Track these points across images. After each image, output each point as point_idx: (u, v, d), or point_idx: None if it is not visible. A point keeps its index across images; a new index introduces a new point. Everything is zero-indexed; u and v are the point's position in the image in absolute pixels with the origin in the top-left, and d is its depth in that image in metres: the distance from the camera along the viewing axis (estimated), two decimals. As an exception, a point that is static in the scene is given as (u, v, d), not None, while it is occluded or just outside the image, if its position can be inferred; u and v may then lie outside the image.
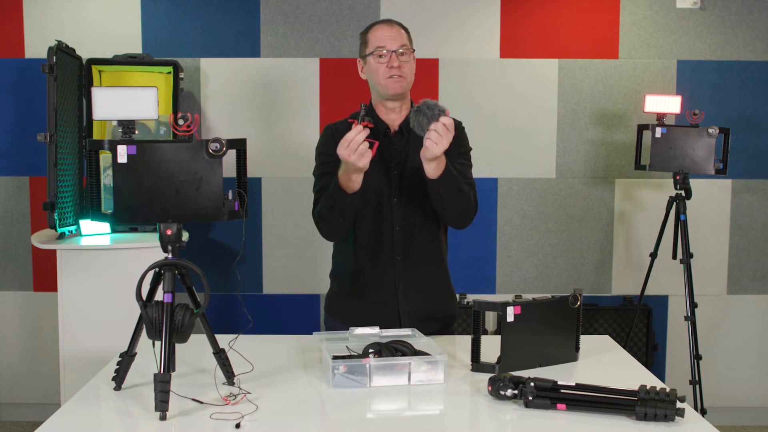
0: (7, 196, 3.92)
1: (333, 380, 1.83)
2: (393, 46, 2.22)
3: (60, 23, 3.85)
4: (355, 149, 1.99)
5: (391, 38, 2.23)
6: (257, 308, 3.96)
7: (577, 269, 4.02)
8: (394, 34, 2.24)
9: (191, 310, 1.73)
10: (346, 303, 2.38)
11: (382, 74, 2.23)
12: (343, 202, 2.13)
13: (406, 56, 2.24)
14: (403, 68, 2.23)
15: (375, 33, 2.27)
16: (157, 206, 1.72)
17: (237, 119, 3.93)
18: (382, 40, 2.23)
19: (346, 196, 2.12)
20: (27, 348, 3.95)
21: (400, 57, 2.22)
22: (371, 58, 2.25)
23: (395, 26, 2.28)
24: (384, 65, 2.22)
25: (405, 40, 2.26)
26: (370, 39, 2.27)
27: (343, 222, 2.21)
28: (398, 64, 2.21)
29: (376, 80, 2.25)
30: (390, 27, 2.27)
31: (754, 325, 4.04)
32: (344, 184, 2.10)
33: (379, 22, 2.30)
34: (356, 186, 2.10)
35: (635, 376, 1.97)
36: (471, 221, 2.30)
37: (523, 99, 3.95)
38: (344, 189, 2.10)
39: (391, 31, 2.25)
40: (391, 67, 2.21)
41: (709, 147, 3.42)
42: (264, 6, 3.91)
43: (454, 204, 2.19)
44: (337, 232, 2.27)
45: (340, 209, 2.16)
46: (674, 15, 3.93)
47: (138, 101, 1.72)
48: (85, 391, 1.82)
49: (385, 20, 2.31)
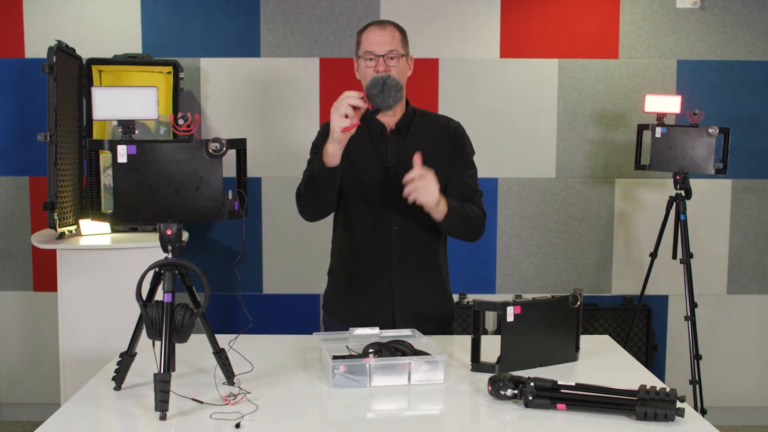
0: (7, 196, 3.92)
1: (333, 380, 1.83)
2: (381, 51, 2.22)
3: (60, 23, 3.85)
4: (338, 107, 2.00)
5: (380, 42, 2.23)
6: (257, 308, 3.96)
7: (577, 269, 4.02)
8: (385, 38, 2.24)
9: (191, 310, 1.73)
10: (342, 302, 2.38)
11: (369, 78, 2.23)
12: (320, 175, 2.13)
13: (395, 60, 2.23)
14: (390, 72, 2.22)
15: (367, 35, 2.27)
16: (157, 206, 1.72)
17: (237, 119, 3.93)
18: (371, 44, 2.24)
19: (324, 170, 2.11)
20: (27, 348, 3.95)
21: (389, 62, 2.22)
22: (361, 61, 2.27)
23: (388, 29, 2.26)
24: (371, 69, 2.23)
25: (396, 43, 2.24)
26: (362, 41, 2.28)
27: (318, 199, 2.20)
28: (384, 69, 2.21)
29: (365, 81, 2.26)
30: (382, 30, 2.25)
31: (754, 325, 4.04)
32: (326, 156, 2.10)
33: (372, 24, 2.30)
34: (334, 160, 2.09)
35: (635, 376, 1.97)
36: (482, 234, 2.35)
37: (523, 99, 3.96)
38: (325, 162, 2.11)
39: (382, 34, 2.24)
40: (378, 72, 2.20)
41: (709, 147, 3.42)
42: (264, 6, 3.91)
43: (465, 232, 2.29)
44: (312, 208, 2.26)
45: (315, 183, 2.16)
46: (674, 15, 3.93)
47: (138, 101, 1.72)
48: (85, 391, 1.82)
49: (379, 22, 2.30)
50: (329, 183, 2.15)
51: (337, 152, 2.08)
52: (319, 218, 2.30)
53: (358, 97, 2.00)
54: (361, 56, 2.26)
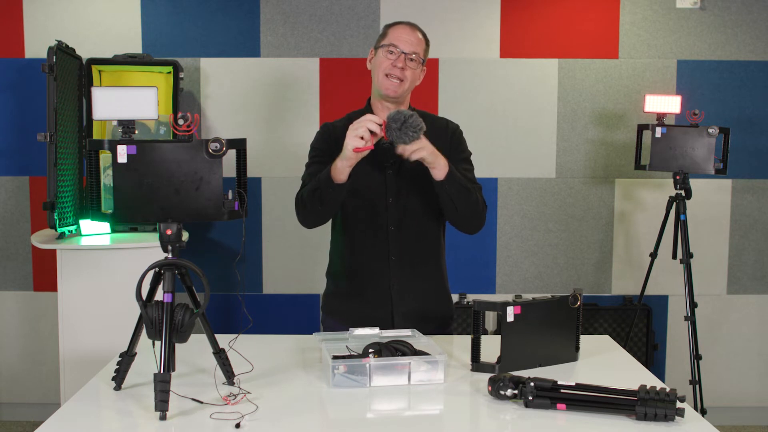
0: (7, 196, 3.92)
1: (333, 380, 1.83)
2: (406, 48, 2.25)
3: (60, 23, 3.85)
4: (357, 127, 2.02)
5: (408, 42, 2.26)
6: (257, 308, 3.96)
7: (577, 269, 4.02)
8: (413, 39, 2.27)
9: (191, 310, 1.73)
10: (341, 302, 2.39)
11: (384, 69, 2.25)
12: (325, 188, 2.14)
13: (414, 63, 2.26)
14: (406, 71, 2.25)
15: (396, 30, 2.29)
16: (157, 206, 1.72)
17: (237, 119, 3.93)
18: (399, 39, 2.26)
19: (330, 184, 2.12)
20: (27, 348, 3.95)
21: (408, 62, 2.25)
22: (381, 51, 2.28)
23: (417, 32, 2.30)
24: (389, 61, 2.24)
25: (420, 48, 2.28)
26: (389, 33, 2.30)
27: (321, 210, 2.21)
28: (402, 65, 2.24)
29: (377, 73, 2.28)
30: (412, 31, 2.29)
31: (754, 325, 4.04)
32: (334, 171, 2.11)
33: (404, 23, 2.32)
34: (341, 176, 2.10)
35: (635, 376, 1.97)
36: (482, 224, 2.31)
37: (523, 99, 3.95)
38: (332, 177, 2.11)
39: (412, 35, 2.28)
40: (394, 66, 2.23)
41: (709, 147, 3.42)
42: (264, 6, 3.91)
43: (464, 205, 2.20)
44: (312, 218, 2.26)
45: (321, 196, 2.16)
46: (674, 15, 3.93)
47: (138, 101, 1.72)
48: (85, 391, 1.82)
49: (411, 24, 2.33)
50: (335, 197, 2.17)
51: (345, 169, 2.09)
52: (318, 226, 2.31)
53: (377, 123, 2.02)
54: (383, 46, 2.27)
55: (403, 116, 2.01)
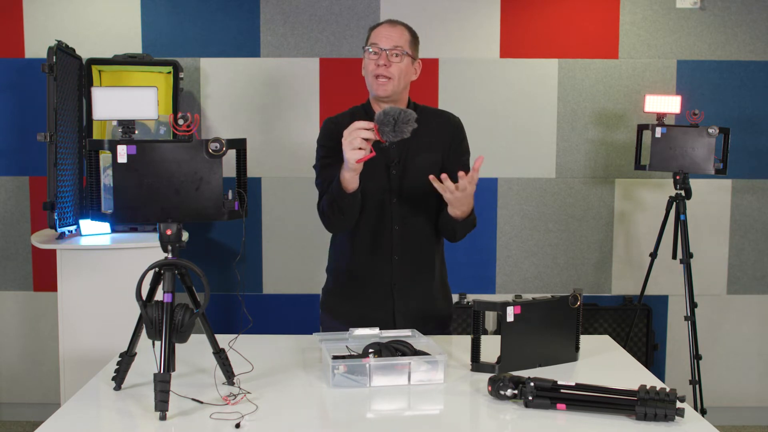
0: (7, 196, 3.92)
1: (333, 380, 1.83)
2: (386, 45, 2.24)
3: (60, 23, 3.85)
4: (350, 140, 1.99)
5: (387, 37, 2.25)
6: (257, 308, 3.96)
7: (577, 269, 4.02)
8: (392, 34, 2.26)
9: (191, 310, 1.73)
10: (341, 301, 2.39)
11: (371, 71, 2.26)
12: (341, 200, 2.16)
13: (399, 58, 2.24)
14: (391, 68, 2.23)
15: (377, 30, 2.30)
16: (157, 206, 1.72)
17: (237, 119, 3.93)
18: (378, 37, 2.26)
19: (344, 195, 2.14)
20: (27, 348, 3.95)
21: (392, 58, 2.23)
22: (366, 53, 2.29)
23: (398, 27, 2.29)
24: (373, 62, 2.25)
25: (402, 41, 2.26)
26: (371, 35, 2.30)
27: (344, 218, 2.23)
28: (385, 62, 2.22)
29: (367, 76, 2.29)
30: (391, 27, 2.28)
31: (754, 325, 4.04)
32: (343, 182, 2.12)
33: (386, 21, 2.32)
34: (351, 185, 2.12)
35: (635, 376, 1.97)
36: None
37: (523, 99, 3.95)
38: (343, 187, 2.12)
39: (391, 31, 2.27)
40: (378, 65, 2.23)
41: (709, 147, 3.42)
42: (264, 6, 3.91)
43: (463, 234, 2.31)
44: (339, 226, 2.29)
45: (339, 206, 2.18)
46: (674, 15, 3.93)
47: (138, 101, 1.72)
48: (85, 391, 1.82)
49: (391, 20, 2.33)
50: (352, 204, 2.18)
51: (354, 178, 2.10)
52: (346, 230, 2.32)
53: (368, 129, 1.99)
54: (366, 49, 2.28)
55: (392, 116, 1.99)
